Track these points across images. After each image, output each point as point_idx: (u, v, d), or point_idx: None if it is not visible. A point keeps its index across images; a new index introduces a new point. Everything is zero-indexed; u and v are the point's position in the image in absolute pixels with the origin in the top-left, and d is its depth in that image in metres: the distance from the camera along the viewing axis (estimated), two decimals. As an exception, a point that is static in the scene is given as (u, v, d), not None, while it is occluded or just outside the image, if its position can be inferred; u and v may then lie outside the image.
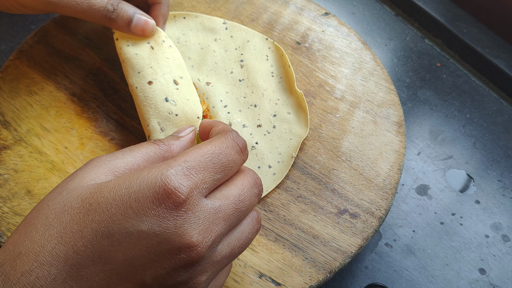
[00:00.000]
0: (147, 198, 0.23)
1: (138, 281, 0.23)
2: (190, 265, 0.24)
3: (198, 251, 0.24)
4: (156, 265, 0.23)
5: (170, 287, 0.24)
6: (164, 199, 0.23)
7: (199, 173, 0.25)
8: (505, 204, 0.45)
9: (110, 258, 0.23)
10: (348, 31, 0.47)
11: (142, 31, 0.38)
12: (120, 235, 0.23)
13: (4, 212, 0.35)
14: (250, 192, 0.27)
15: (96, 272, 0.23)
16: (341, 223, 0.36)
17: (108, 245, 0.23)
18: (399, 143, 0.40)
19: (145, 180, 0.24)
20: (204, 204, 0.25)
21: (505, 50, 0.53)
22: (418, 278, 0.41)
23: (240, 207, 0.26)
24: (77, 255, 0.23)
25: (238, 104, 0.41)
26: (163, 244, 0.23)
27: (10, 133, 0.39)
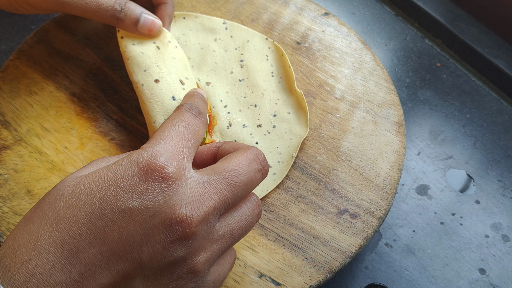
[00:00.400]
0: (133, 176, 0.24)
1: (135, 259, 0.23)
2: (184, 238, 0.24)
3: (190, 222, 0.24)
4: (150, 240, 0.24)
5: (168, 264, 0.24)
6: (150, 173, 0.24)
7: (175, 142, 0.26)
8: (505, 204, 0.45)
9: (106, 239, 0.23)
10: (348, 31, 0.47)
11: (149, 30, 0.38)
12: (113, 214, 0.23)
13: (4, 212, 0.35)
14: (248, 167, 0.27)
15: (94, 254, 0.23)
16: (341, 223, 0.36)
17: (102, 226, 0.23)
18: (399, 143, 0.40)
19: (129, 160, 0.25)
20: (191, 176, 0.25)
21: (505, 50, 0.53)
22: (418, 278, 0.41)
23: (234, 181, 0.26)
24: (73, 239, 0.23)
25: (238, 104, 0.41)
26: (155, 217, 0.24)
27: (10, 133, 0.39)
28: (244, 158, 0.28)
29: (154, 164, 0.24)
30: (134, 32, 0.38)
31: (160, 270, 0.24)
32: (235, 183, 0.27)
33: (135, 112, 0.41)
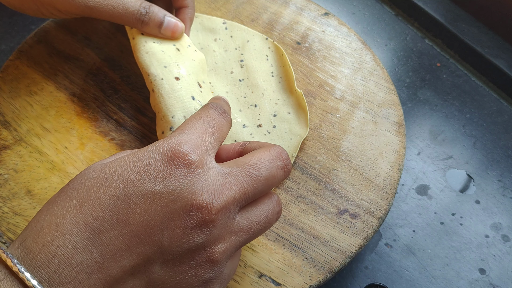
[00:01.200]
0: (157, 161, 0.25)
1: (156, 243, 0.24)
2: (204, 225, 0.24)
3: (210, 209, 0.24)
4: (171, 223, 0.24)
5: (187, 251, 0.24)
6: (174, 159, 0.25)
7: (201, 134, 0.27)
8: (505, 204, 0.45)
9: (128, 220, 0.24)
10: (348, 31, 0.47)
11: (172, 33, 0.39)
12: (136, 197, 0.24)
13: (4, 212, 0.35)
14: (270, 163, 0.28)
15: (115, 236, 0.23)
16: (341, 223, 0.36)
17: (125, 208, 0.24)
18: (399, 143, 0.40)
19: (154, 147, 0.26)
20: (213, 166, 0.26)
21: (505, 50, 0.53)
22: (418, 278, 0.41)
23: (255, 175, 0.27)
24: (96, 221, 0.23)
25: (238, 104, 0.41)
26: (177, 202, 0.24)
27: (10, 133, 0.39)
28: (267, 154, 0.28)
29: (178, 151, 0.25)
30: (157, 35, 0.39)
31: (180, 256, 0.25)
32: (256, 177, 0.27)
33: (135, 112, 0.41)
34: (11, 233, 0.34)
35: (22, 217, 0.35)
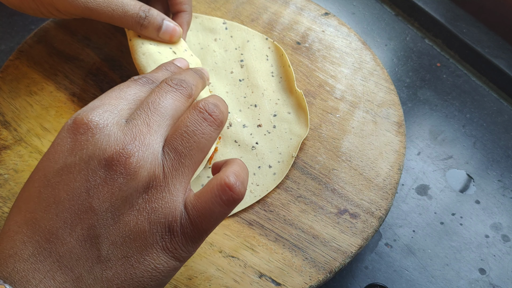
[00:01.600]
0: (64, 138, 0.26)
1: (88, 208, 0.24)
2: (126, 171, 0.24)
3: (125, 154, 0.25)
4: (94, 184, 0.24)
5: (122, 205, 0.24)
6: (76, 129, 0.25)
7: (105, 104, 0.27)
8: (505, 204, 0.45)
9: (56, 201, 0.24)
10: (348, 31, 0.47)
11: (170, 37, 0.39)
12: (55, 177, 0.25)
13: (4, 212, 0.35)
14: (163, 91, 0.28)
15: (51, 218, 0.24)
16: (341, 223, 0.36)
17: (50, 191, 0.24)
18: (399, 143, 0.40)
19: (62, 127, 0.26)
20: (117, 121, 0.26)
21: (505, 50, 0.53)
22: (418, 278, 0.41)
23: (155, 106, 0.27)
24: (31, 213, 0.24)
25: (238, 104, 0.41)
26: (90, 163, 0.24)
27: (10, 133, 0.39)
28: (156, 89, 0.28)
29: (77, 120, 0.25)
30: (155, 38, 0.39)
31: (117, 209, 0.24)
32: (157, 108, 0.27)
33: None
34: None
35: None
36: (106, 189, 0.24)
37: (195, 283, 0.33)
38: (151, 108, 0.27)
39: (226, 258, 0.34)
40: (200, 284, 0.33)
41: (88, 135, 0.25)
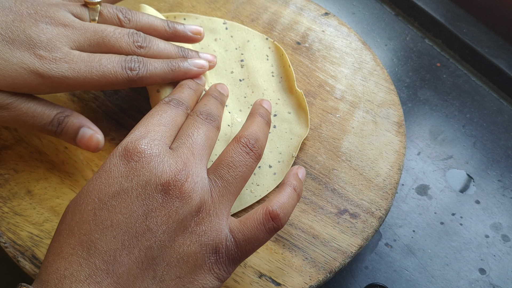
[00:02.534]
0: (117, 164, 0.27)
1: (145, 230, 0.25)
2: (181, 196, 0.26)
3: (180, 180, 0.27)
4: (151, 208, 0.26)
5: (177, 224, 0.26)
6: (129, 156, 0.27)
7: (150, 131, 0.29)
8: (505, 204, 0.45)
9: (113, 223, 0.25)
10: (348, 31, 0.47)
11: (86, 146, 0.35)
12: (112, 200, 0.26)
13: (4, 212, 0.35)
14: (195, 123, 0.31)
15: (109, 241, 0.25)
16: (341, 223, 0.36)
17: (106, 214, 0.25)
18: (399, 143, 0.40)
19: (112, 154, 0.28)
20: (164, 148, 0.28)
21: (505, 50, 0.53)
22: (418, 278, 0.41)
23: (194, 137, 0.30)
24: (87, 236, 0.25)
25: (238, 104, 0.41)
26: (147, 187, 0.26)
27: (11, 133, 0.39)
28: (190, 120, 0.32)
29: (130, 148, 0.27)
30: (74, 145, 0.36)
31: (172, 231, 0.26)
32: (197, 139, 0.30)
33: (135, 112, 0.41)
34: (11, 233, 0.34)
35: (22, 217, 0.35)
36: (163, 212, 0.26)
37: (195, 283, 0.33)
38: (192, 139, 0.30)
39: (226, 258, 0.34)
40: (200, 284, 0.33)
41: (143, 163, 0.27)
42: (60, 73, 0.32)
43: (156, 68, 0.35)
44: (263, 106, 0.35)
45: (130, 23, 0.36)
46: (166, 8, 0.47)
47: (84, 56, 0.33)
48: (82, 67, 0.32)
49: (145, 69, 0.34)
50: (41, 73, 0.31)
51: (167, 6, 0.47)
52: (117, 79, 0.33)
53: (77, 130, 0.35)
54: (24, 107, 0.32)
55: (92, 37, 0.33)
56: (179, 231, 0.26)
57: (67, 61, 0.32)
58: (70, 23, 0.33)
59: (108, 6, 0.36)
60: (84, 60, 0.32)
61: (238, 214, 0.36)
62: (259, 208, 0.29)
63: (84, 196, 0.26)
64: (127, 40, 0.35)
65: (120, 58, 0.34)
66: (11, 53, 0.31)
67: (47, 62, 0.31)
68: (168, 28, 0.38)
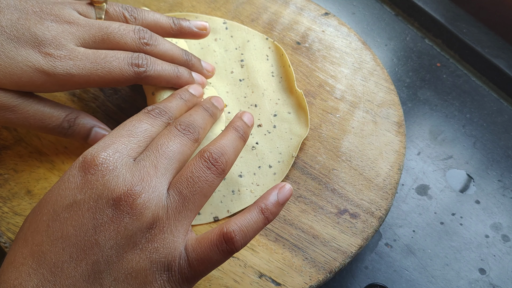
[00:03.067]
0: (75, 175, 0.26)
1: (93, 243, 0.25)
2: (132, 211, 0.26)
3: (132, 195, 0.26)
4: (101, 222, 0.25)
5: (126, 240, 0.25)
6: (86, 168, 0.26)
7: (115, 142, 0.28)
8: (505, 204, 0.45)
9: (64, 235, 0.25)
10: (348, 31, 0.47)
11: None
12: (64, 212, 0.25)
13: (4, 212, 0.35)
14: (172, 135, 0.29)
15: (58, 252, 0.25)
16: (341, 223, 0.36)
17: (58, 225, 0.25)
18: (399, 143, 0.40)
19: (72, 165, 0.27)
20: (126, 162, 0.27)
21: (505, 50, 0.53)
22: (418, 278, 0.41)
23: (163, 150, 0.28)
24: (38, 246, 0.25)
25: (238, 104, 0.41)
26: (99, 201, 0.26)
27: (10, 133, 0.39)
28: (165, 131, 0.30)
29: (88, 159, 0.26)
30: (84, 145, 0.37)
31: (121, 247, 0.25)
32: (165, 152, 0.28)
33: (135, 112, 0.41)
34: (11, 233, 0.34)
35: (22, 217, 0.35)
36: (112, 227, 0.25)
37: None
38: (159, 151, 0.28)
39: (226, 258, 0.34)
40: (200, 284, 0.33)
41: (98, 176, 0.26)
42: (65, 71, 0.32)
43: (164, 70, 0.35)
44: (242, 119, 0.34)
45: (136, 21, 0.36)
46: (166, 8, 0.47)
47: (89, 53, 0.33)
48: (87, 64, 0.32)
49: (153, 68, 0.34)
50: (46, 70, 0.31)
51: (167, 6, 0.47)
52: (123, 75, 0.33)
53: (89, 131, 0.35)
54: (32, 109, 0.33)
55: (97, 34, 0.33)
56: (128, 247, 0.25)
57: (72, 58, 0.32)
58: (75, 20, 0.33)
59: (114, 4, 0.36)
60: (89, 57, 0.32)
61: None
62: (216, 228, 0.28)
63: (42, 206, 0.26)
64: (133, 36, 0.34)
65: (126, 55, 0.34)
66: (17, 51, 0.31)
67: (52, 60, 0.31)
68: (174, 25, 0.38)
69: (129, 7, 0.36)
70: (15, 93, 0.32)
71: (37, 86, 0.32)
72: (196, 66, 0.39)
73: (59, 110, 0.34)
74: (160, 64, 0.35)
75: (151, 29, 0.36)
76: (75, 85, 0.33)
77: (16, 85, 0.31)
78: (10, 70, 0.31)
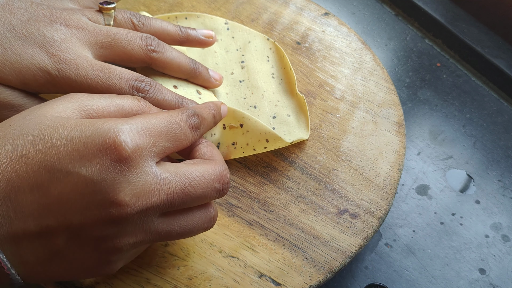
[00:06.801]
0: (95, 145, 0.24)
1: (66, 222, 0.24)
2: (118, 222, 0.25)
3: (128, 211, 0.25)
4: (86, 212, 0.24)
5: (96, 238, 0.25)
6: (111, 150, 0.24)
7: (152, 136, 0.26)
8: (505, 204, 0.45)
9: (47, 193, 0.24)
10: (348, 31, 0.47)
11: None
12: (61, 173, 0.24)
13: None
14: (208, 183, 0.28)
15: (31, 201, 0.24)
16: (341, 223, 0.36)
17: (47, 180, 0.24)
18: (399, 143, 0.40)
19: (99, 128, 0.25)
20: (150, 169, 0.26)
21: (505, 50, 0.53)
22: (418, 278, 0.41)
23: (189, 190, 0.27)
24: (18, 179, 0.24)
25: (238, 105, 0.41)
26: (97, 194, 0.24)
27: (11, 133, 0.39)
28: (210, 173, 0.28)
29: (118, 144, 0.24)
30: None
31: (87, 239, 0.25)
32: (189, 193, 0.27)
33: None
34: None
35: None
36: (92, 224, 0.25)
37: (195, 283, 0.33)
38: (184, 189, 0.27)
39: (226, 258, 0.34)
40: (200, 284, 0.33)
41: (113, 167, 0.24)
42: (67, 75, 0.32)
43: (165, 99, 0.34)
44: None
45: (143, 27, 0.36)
46: (166, 8, 0.47)
47: (95, 62, 0.33)
48: (90, 73, 0.32)
49: (154, 96, 0.33)
50: (50, 71, 0.31)
51: (167, 6, 0.47)
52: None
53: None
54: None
55: (105, 39, 0.34)
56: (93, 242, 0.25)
57: (77, 63, 0.32)
58: (83, 25, 0.33)
59: (122, 11, 0.36)
60: (93, 67, 0.32)
61: (238, 215, 0.36)
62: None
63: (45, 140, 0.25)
64: (140, 43, 0.34)
65: (131, 76, 0.33)
66: (23, 48, 0.31)
67: (57, 62, 0.32)
68: (181, 32, 0.38)
69: (137, 14, 0.37)
70: (21, 92, 0.32)
71: (39, 86, 0.32)
72: (203, 74, 0.38)
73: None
74: (164, 93, 0.34)
75: (158, 36, 0.36)
76: (72, 90, 0.32)
77: (21, 82, 0.31)
78: (16, 67, 0.31)
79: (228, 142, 0.38)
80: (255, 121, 0.37)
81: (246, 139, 0.37)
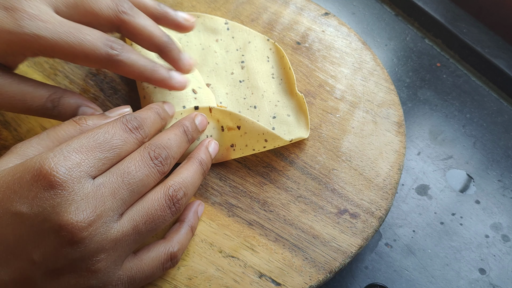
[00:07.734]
0: (26, 181, 0.25)
1: (28, 259, 0.25)
2: (74, 243, 0.25)
3: (78, 227, 0.25)
4: (41, 243, 0.24)
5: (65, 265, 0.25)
6: (40, 180, 0.24)
7: (81, 153, 0.26)
8: (505, 204, 0.45)
9: (3, 239, 0.25)
10: (348, 31, 0.47)
11: None
12: (6, 216, 0.25)
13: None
14: (142, 164, 0.28)
15: None
16: (341, 223, 0.36)
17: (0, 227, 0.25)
18: (399, 143, 0.40)
19: (28, 164, 0.25)
20: (84, 182, 0.26)
21: (505, 50, 0.53)
22: (418, 278, 0.41)
23: (128, 179, 0.27)
24: None
25: (237, 106, 0.41)
26: (45, 223, 0.24)
27: (10, 133, 0.39)
28: (137, 156, 0.28)
29: (46, 172, 0.25)
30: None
31: (58, 269, 0.25)
32: (130, 181, 0.27)
33: (135, 112, 0.41)
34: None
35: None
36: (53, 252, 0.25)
37: (195, 283, 0.33)
38: (124, 180, 0.27)
39: (226, 258, 0.34)
40: (200, 284, 0.33)
41: (50, 194, 0.24)
42: (32, 31, 0.29)
43: (138, 60, 0.32)
44: (208, 150, 0.34)
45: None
46: (166, 8, 0.47)
47: (64, 21, 0.30)
48: (59, 29, 0.29)
49: (127, 55, 0.31)
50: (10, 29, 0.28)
51: (167, 5, 0.47)
52: (95, 52, 0.30)
53: (75, 111, 0.33)
54: (12, 90, 0.30)
55: None
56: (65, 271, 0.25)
57: (43, 20, 0.29)
58: None
59: None
60: (63, 24, 0.29)
61: (238, 215, 0.36)
62: (161, 247, 0.30)
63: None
64: (109, 3, 0.31)
65: (102, 34, 0.30)
66: None
67: (21, 18, 0.28)
68: (159, 7, 0.35)
69: None
70: None
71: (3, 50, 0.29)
72: (173, 53, 0.35)
73: (42, 89, 0.31)
74: (136, 54, 0.32)
75: (134, 5, 0.34)
76: (40, 49, 0.29)
77: None
78: None
79: (227, 144, 0.38)
80: (252, 122, 0.37)
81: (244, 141, 0.37)
